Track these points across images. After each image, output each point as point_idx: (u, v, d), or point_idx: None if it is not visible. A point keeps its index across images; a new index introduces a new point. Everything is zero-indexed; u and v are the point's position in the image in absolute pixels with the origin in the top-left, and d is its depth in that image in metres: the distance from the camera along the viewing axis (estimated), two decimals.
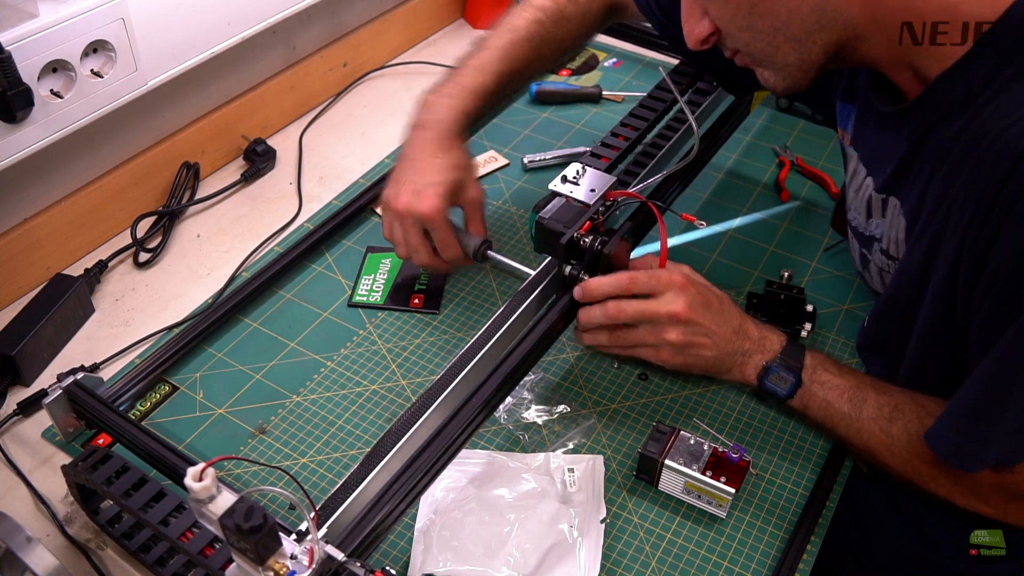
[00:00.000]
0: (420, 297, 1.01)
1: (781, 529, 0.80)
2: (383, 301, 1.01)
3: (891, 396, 0.79)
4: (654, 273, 0.83)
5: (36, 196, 1.00)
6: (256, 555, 0.55)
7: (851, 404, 0.79)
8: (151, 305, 1.01)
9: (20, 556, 0.71)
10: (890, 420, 0.77)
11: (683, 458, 0.78)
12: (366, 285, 1.02)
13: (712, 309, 0.83)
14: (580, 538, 0.77)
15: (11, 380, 0.91)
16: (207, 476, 0.54)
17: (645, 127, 1.01)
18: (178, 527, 0.68)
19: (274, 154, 1.21)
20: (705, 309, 0.82)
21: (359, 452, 0.85)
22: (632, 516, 0.80)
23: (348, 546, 0.64)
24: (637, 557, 0.77)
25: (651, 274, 0.83)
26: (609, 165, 0.94)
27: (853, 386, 0.80)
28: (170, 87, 1.06)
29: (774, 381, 0.82)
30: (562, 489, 0.81)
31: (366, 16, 1.37)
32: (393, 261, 1.05)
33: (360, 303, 1.00)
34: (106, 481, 0.71)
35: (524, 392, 0.90)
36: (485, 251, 0.91)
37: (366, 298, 1.01)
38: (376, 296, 1.01)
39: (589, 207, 0.86)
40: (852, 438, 0.79)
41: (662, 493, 0.82)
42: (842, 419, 0.79)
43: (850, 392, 0.80)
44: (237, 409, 0.89)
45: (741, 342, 0.83)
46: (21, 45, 0.84)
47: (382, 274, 1.04)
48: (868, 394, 0.79)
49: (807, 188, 1.18)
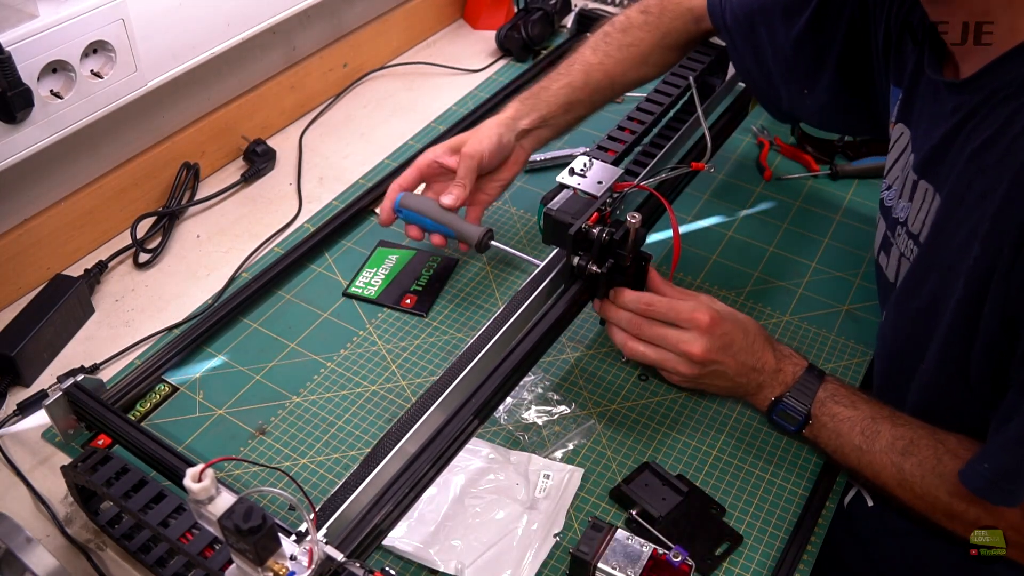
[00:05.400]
0: (412, 298, 1.01)
1: (781, 530, 0.80)
2: (376, 296, 1.01)
3: (908, 429, 0.76)
4: (674, 305, 0.83)
5: (36, 196, 1.00)
6: (255, 556, 0.55)
7: (863, 436, 0.77)
8: (151, 306, 1.01)
9: (20, 556, 0.71)
10: (903, 454, 0.75)
11: (618, 561, 0.71)
12: (365, 278, 1.03)
13: (734, 348, 0.82)
14: (529, 545, 0.77)
15: (11, 380, 0.90)
16: (206, 477, 0.54)
17: (651, 120, 1.01)
18: (178, 528, 0.68)
19: (274, 155, 1.21)
20: (724, 350, 0.81)
21: (359, 453, 0.85)
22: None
23: (348, 547, 0.64)
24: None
25: (671, 305, 0.83)
26: (616, 158, 0.94)
27: (867, 417, 0.78)
28: (170, 87, 1.06)
29: (782, 416, 0.81)
30: (530, 493, 0.81)
31: (366, 16, 1.37)
32: (399, 258, 1.05)
33: (354, 294, 1.01)
34: (106, 482, 0.71)
35: (524, 393, 0.90)
36: (488, 241, 0.91)
37: (361, 290, 1.01)
38: (372, 290, 1.01)
39: (597, 198, 0.86)
40: (864, 470, 0.78)
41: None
42: (853, 451, 0.78)
43: (863, 424, 0.78)
44: (237, 410, 0.89)
45: (755, 376, 0.83)
46: (21, 45, 0.84)
47: (384, 269, 1.04)
48: (883, 427, 0.77)
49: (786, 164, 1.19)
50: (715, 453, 0.86)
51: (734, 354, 0.82)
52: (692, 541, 0.77)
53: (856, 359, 0.95)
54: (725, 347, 0.82)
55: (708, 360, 0.81)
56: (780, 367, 0.83)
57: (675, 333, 0.82)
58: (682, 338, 0.82)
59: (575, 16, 1.44)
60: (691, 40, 1.07)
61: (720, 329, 0.82)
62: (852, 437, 0.78)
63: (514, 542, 0.77)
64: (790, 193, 1.17)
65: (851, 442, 0.78)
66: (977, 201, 0.68)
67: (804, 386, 0.81)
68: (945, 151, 0.74)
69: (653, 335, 0.83)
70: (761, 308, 1.01)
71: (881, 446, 0.76)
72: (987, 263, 0.67)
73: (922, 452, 0.75)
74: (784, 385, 0.82)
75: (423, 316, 0.99)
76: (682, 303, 0.83)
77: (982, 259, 0.67)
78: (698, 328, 0.81)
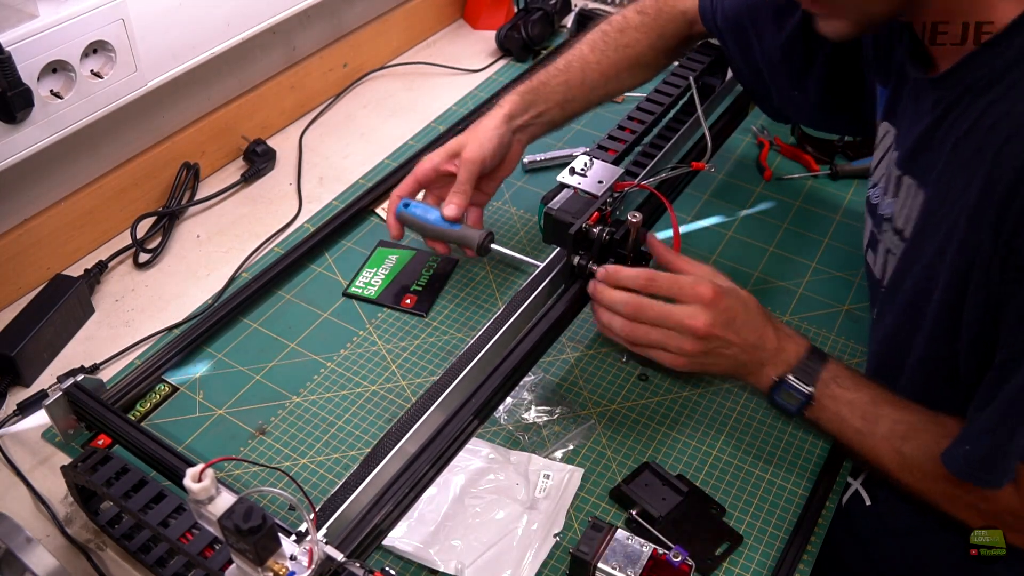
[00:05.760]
0: (412, 298, 1.01)
1: (781, 530, 0.80)
2: (376, 296, 1.01)
3: (909, 413, 0.76)
4: (677, 279, 0.80)
5: (36, 196, 1.00)
6: (255, 556, 0.55)
7: (864, 420, 0.77)
8: (151, 306, 1.01)
9: (20, 556, 0.71)
10: (904, 439, 0.75)
11: (618, 561, 0.71)
12: (365, 278, 1.03)
13: (736, 323, 0.80)
14: (529, 545, 0.77)
15: (11, 380, 0.90)
16: (206, 477, 0.54)
17: (651, 120, 1.01)
18: (178, 528, 0.68)
19: (274, 155, 1.21)
20: (727, 325, 0.79)
21: (359, 453, 0.85)
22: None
23: (348, 547, 0.64)
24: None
25: (673, 280, 0.81)
26: (616, 157, 0.95)
27: (868, 401, 0.78)
28: (170, 87, 1.06)
29: (784, 397, 0.80)
30: (530, 493, 0.81)
31: (366, 16, 1.37)
32: (399, 258, 1.05)
33: (354, 294, 1.01)
34: (106, 482, 0.71)
35: (524, 393, 0.90)
36: (488, 244, 0.91)
37: (361, 290, 1.01)
38: (372, 290, 1.01)
39: (597, 198, 0.86)
40: (865, 453, 0.78)
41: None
42: (855, 434, 0.78)
43: (864, 408, 0.78)
44: (237, 410, 0.89)
45: (758, 353, 0.81)
46: (21, 45, 0.84)
47: (384, 269, 1.04)
48: (884, 410, 0.77)
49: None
50: (715, 453, 0.86)
51: (736, 329, 0.80)
52: (692, 541, 0.77)
53: (856, 359, 0.95)
54: (728, 322, 0.79)
55: (712, 335, 0.79)
56: (782, 345, 0.81)
57: (678, 309, 0.79)
58: (685, 313, 0.79)
59: (575, 16, 1.44)
60: (686, 42, 1.08)
61: (723, 303, 0.79)
62: (853, 420, 0.78)
63: (514, 542, 0.77)
64: (790, 193, 1.17)
65: (852, 425, 0.78)
66: (959, 193, 0.68)
67: (807, 366, 0.80)
68: (927, 145, 0.74)
69: (656, 315, 0.80)
70: None
71: (882, 430, 0.76)
72: (968, 254, 0.67)
73: (922, 436, 0.75)
74: (787, 364, 0.80)
75: (423, 316, 0.99)
76: (684, 277, 0.81)
77: (963, 250, 0.68)
78: (701, 302, 0.79)
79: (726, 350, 0.80)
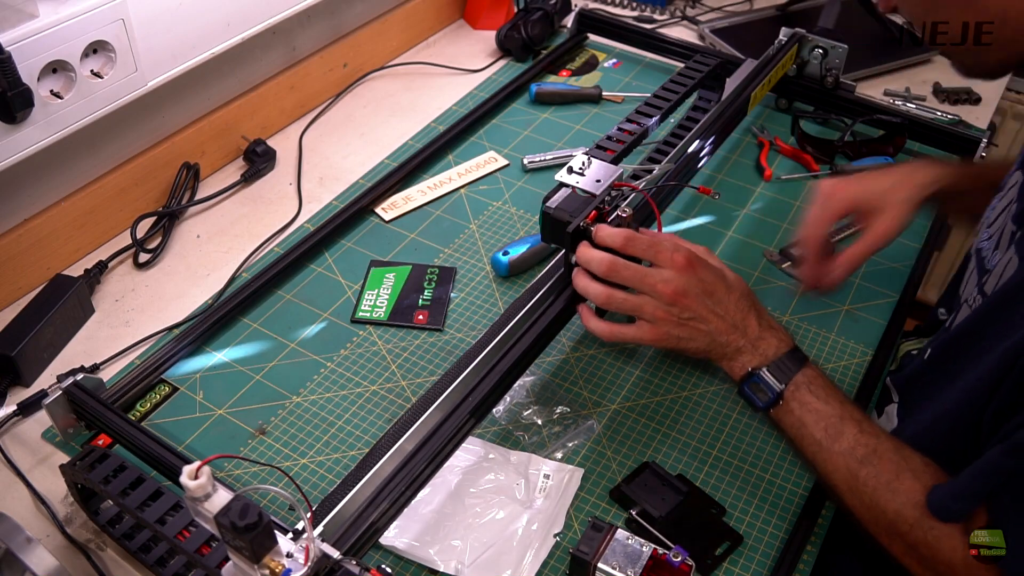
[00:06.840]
0: (424, 313, 0.99)
1: (781, 530, 0.80)
2: (387, 317, 0.99)
3: (873, 439, 0.73)
4: (657, 241, 0.79)
5: (36, 196, 1.00)
6: (251, 553, 0.55)
7: (825, 433, 0.74)
8: (151, 306, 1.01)
9: (20, 556, 0.71)
10: (861, 462, 0.72)
11: (618, 561, 0.71)
12: (369, 300, 1.01)
13: (713, 298, 0.78)
14: (529, 545, 0.77)
15: (11, 380, 0.91)
16: (202, 474, 0.54)
17: (651, 122, 1.01)
18: (175, 525, 0.68)
19: (274, 155, 1.21)
20: (703, 296, 0.77)
21: (359, 453, 0.85)
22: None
23: (344, 544, 0.64)
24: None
25: (652, 241, 0.79)
26: (615, 157, 0.94)
27: (834, 415, 0.75)
28: (170, 87, 1.06)
29: (753, 389, 0.78)
30: (530, 493, 0.80)
31: (366, 16, 1.38)
32: (397, 275, 1.04)
33: (363, 319, 0.99)
34: (103, 480, 0.71)
35: (524, 393, 0.90)
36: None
37: (369, 314, 0.99)
38: (380, 312, 0.99)
39: (595, 197, 0.86)
40: (818, 466, 0.75)
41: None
42: (811, 444, 0.75)
43: (828, 421, 0.75)
44: (237, 410, 0.89)
45: (735, 337, 0.78)
46: (21, 45, 0.84)
47: (386, 289, 1.02)
48: (848, 428, 0.74)
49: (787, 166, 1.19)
50: (715, 453, 0.86)
51: (712, 306, 0.78)
52: (692, 541, 0.77)
53: (856, 359, 0.95)
54: (703, 294, 0.78)
55: (681, 304, 0.77)
56: (763, 335, 0.79)
57: (653, 271, 0.78)
58: (659, 276, 0.77)
59: (575, 16, 1.44)
60: None
61: (700, 273, 0.78)
62: (814, 431, 0.75)
63: (514, 542, 0.77)
64: (790, 193, 1.17)
65: (812, 435, 0.75)
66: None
67: (784, 364, 0.77)
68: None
69: (629, 275, 0.78)
70: None
71: (841, 448, 0.74)
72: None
73: (882, 464, 0.72)
74: (764, 357, 0.78)
75: (440, 330, 0.98)
76: (663, 242, 0.79)
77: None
78: (675, 267, 0.77)
79: (702, 325, 0.78)
